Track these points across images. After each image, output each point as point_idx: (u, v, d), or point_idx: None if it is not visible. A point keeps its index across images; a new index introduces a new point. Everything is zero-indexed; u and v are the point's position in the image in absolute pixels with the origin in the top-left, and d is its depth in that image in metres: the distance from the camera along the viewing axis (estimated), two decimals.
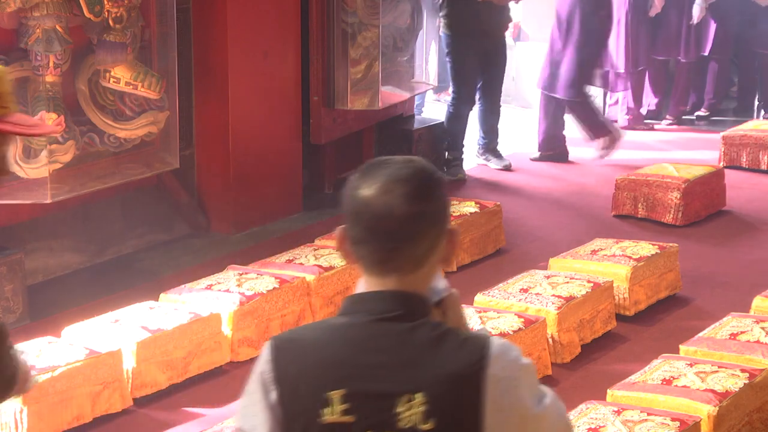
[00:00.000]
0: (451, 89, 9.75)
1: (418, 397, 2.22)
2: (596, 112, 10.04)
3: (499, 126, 9.93)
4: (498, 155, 9.91)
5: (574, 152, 10.14)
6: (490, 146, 9.91)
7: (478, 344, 2.26)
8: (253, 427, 2.33)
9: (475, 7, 9.27)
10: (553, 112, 9.91)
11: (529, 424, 2.27)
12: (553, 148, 9.94)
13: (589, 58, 9.72)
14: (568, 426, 2.37)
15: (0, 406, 5.23)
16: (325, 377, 2.26)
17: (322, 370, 2.26)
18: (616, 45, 11.01)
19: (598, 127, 9.92)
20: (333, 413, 2.25)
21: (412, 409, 2.22)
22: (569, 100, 9.77)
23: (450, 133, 9.64)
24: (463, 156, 9.71)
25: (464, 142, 9.72)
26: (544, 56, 9.84)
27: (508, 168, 9.82)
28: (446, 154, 9.69)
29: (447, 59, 9.59)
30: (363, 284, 2.36)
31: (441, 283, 2.43)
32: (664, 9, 11.00)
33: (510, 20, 9.68)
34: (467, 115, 9.67)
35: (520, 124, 10.88)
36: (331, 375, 2.26)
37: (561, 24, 9.71)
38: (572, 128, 10.27)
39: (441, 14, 9.53)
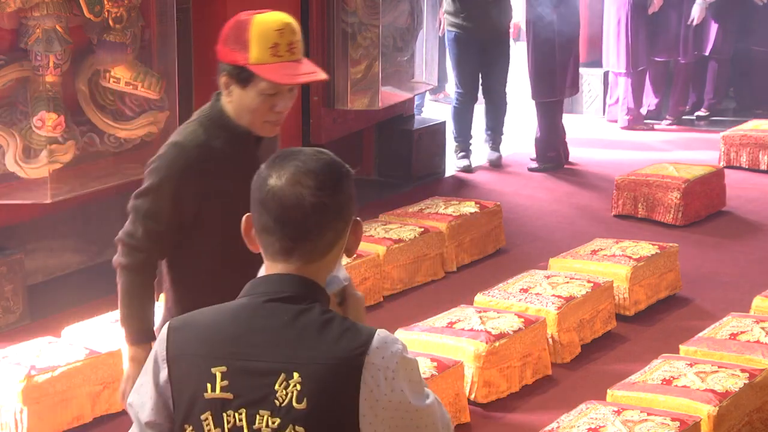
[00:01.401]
0: (454, 85, 9.84)
1: (295, 377, 2.24)
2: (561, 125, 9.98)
3: (502, 125, 9.99)
4: (494, 149, 9.98)
5: (572, 153, 10.14)
6: (493, 144, 9.99)
7: (362, 333, 2.27)
8: (142, 404, 2.40)
9: (478, 3, 9.35)
10: (550, 120, 9.86)
11: (408, 416, 2.27)
12: (552, 159, 9.89)
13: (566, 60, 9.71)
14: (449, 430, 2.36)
15: (0, 406, 5.24)
16: (210, 355, 2.29)
17: (209, 348, 2.30)
18: (617, 45, 11.01)
19: (552, 142, 9.86)
20: (214, 389, 2.28)
21: (288, 388, 2.24)
22: (555, 100, 9.76)
23: (455, 126, 9.79)
24: (470, 147, 9.81)
25: (471, 134, 9.82)
26: (530, 66, 9.79)
27: (494, 163, 9.89)
28: (455, 146, 9.81)
29: (449, 55, 9.68)
30: (264, 271, 2.39)
31: (341, 272, 2.46)
32: (664, 9, 11.00)
33: (511, 18, 9.72)
34: (472, 110, 9.79)
35: (520, 123, 10.87)
36: (216, 352, 2.29)
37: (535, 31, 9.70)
38: (570, 132, 10.27)
39: (444, 10, 9.61)
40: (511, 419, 5.64)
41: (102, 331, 5.75)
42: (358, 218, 2.40)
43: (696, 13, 11.13)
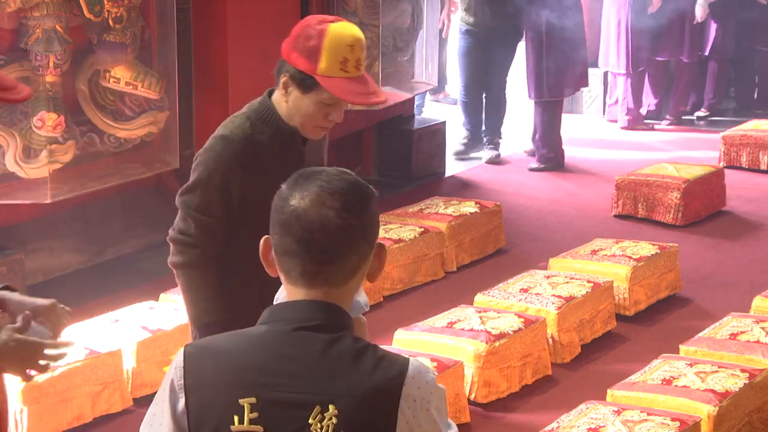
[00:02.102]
0: (459, 79, 10.03)
1: (331, 409, 2.16)
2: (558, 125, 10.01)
3: (501, 124, 10.05)
4: (493, 148, 10.03)
5: (572, 153, 10.14)
6: (491, 143, 10.03)
7: (397, 362, 2.22)
8: None
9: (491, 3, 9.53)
10: (548, 120, 9.88)
11: None
12: (551, 160, 9.91)
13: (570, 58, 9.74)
14: None
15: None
16: (237, 385, 2.20)
17: (235, 377, 2.20)
18: (617, 46, 11.01)
19: (550, 142, 9.89)
20: (242, 422, 2.19)
21: (324, 421, 2.16)
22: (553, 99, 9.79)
23: (467, 118, 10.04)
24: (484, 138, 10.02)
25: (482, 125, 10.01)
26: (528, 66, 9.80)
27: (492, 162, 9.95)
28: (466, 136, 10.05)
29: (459, 49, 9.84)
30: (285, 295, 2.31)
31: (362, 297, 2.41)
32: (664, 10, 10.99)
33: (521, 18, 9.75)
34: (481, 101, 9.97)
35: (520, 123, 10.87)
36: (243, 382, 2.20)
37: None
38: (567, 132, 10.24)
39: (463, 8, 9.77)
40: (511, 419, 5.64)
41: (102, 331, 5.75)
42: (381, 242, 2.34)
43: (698, 12, 11.13)
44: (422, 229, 7.31)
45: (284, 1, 8.27)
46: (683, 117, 11.64)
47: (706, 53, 11.53)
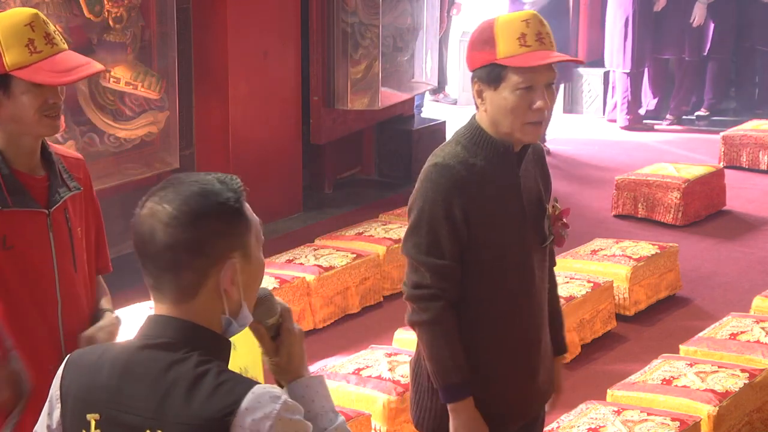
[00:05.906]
0: None
1: None
2: None
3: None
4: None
5: (573, 152, 10.14)
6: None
7: (234, 391, 2.07)
8: None
9: None
10: None
11: None
12: None
13: None
14: None
15: None
16: (89, 399, 2.17)
17: (89, 392, 2.18)
18: (623, 44, 10.99)
19: None
20: None
21: None
22: None
23: None
24: None
25: None
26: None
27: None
28: None
29: None
30: None
31: (243, 314, 2.20)
32: (669, 7, 11.00)
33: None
34: None
35: None
36: (93, 398, 2.17)
37: None
38: None
39: None
40: None
41: None
42: (233, 258, 2.15)
43: (696, 12, 11.13)
44: None
45: (284, 1, 8.27)
46: (683, 117, 11.64)
47: (706, 53, 11.53)
